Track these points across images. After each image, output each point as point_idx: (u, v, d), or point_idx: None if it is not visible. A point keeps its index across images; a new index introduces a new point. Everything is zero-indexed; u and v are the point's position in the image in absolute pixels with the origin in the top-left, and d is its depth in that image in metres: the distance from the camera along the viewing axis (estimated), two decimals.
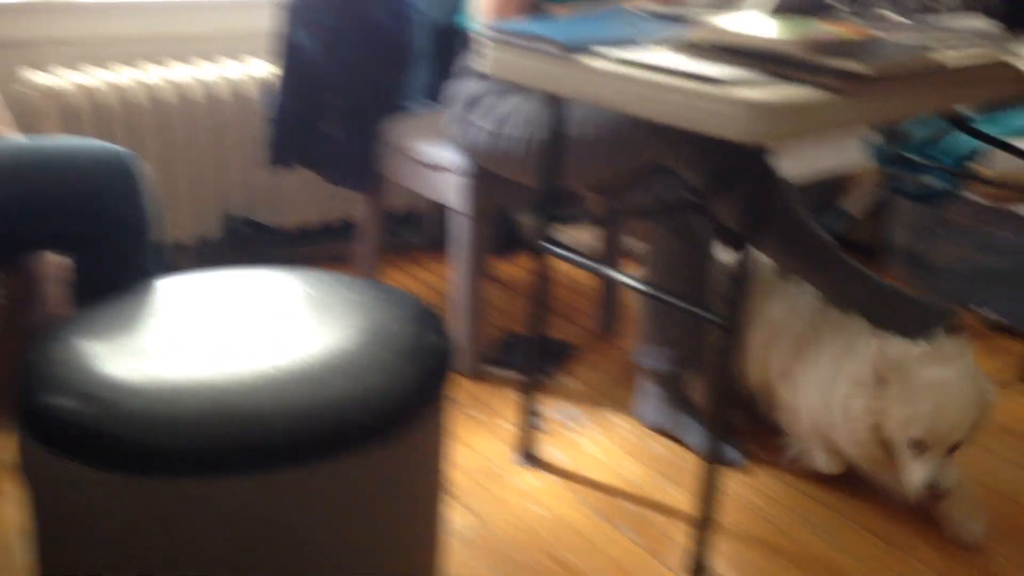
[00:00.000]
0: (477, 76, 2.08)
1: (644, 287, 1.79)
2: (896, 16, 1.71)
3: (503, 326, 2.51)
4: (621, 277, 1.80)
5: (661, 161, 1.89)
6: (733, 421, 2.09)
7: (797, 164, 3.00)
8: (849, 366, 1.76)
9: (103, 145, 1.57)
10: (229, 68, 2.56)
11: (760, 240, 1.87)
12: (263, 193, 2.62)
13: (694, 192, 1.90)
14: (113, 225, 1.50)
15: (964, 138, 2.59)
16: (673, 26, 1.60)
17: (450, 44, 2.43)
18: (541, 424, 2.06)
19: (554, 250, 1.82)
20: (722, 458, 1.93)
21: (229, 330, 1.28)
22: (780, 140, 1.40)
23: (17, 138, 1.71)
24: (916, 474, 1.66)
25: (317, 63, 2.35)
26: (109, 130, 2.37)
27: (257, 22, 2.56)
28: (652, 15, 1.72)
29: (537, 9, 1.93)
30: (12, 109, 2.16)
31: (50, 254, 1.63)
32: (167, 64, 2.54)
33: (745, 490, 1.90)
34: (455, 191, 2.17)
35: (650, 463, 1.97)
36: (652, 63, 1.46)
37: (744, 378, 2.04)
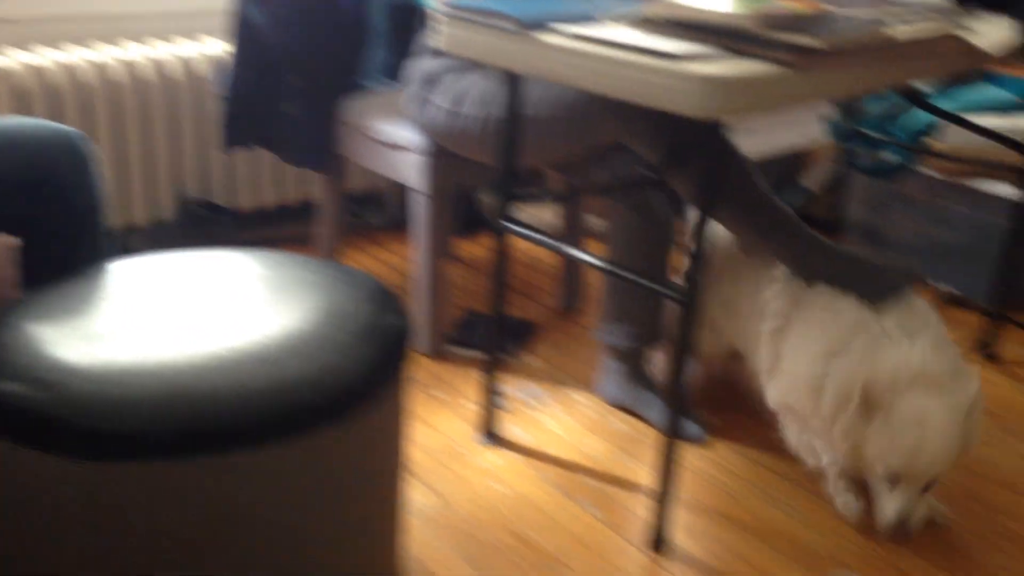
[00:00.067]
0: (434, 54, 2.07)
1: (603, 264, 1.79)
2: None
3: (465, 305, 2.50)
4: (580, 254, 1.80)
5: (618, 138, 1.89)
6: (693, 396, 2.11)
7: (756, 140, 3.01)
8: (837, 368, 1.69)
9: (52, 126, 1.54)
10: (182, 47, 2.51)
11: (718, 214, 1.88)
12: (219, 174, 2.59)
13: (652, 168, 1.91)
14: (62, 207, 1.48)
15: (920, 113, 2.62)
16: (630, 2, 1.60)
17: (408, 21, 2.41)
18: (503, 403, 2.07)
19: (513, 228, 1.82)
20: (682, 433, 1.95)
21: (182, 312, 1.27)
22: (734, 115, 1.41)
23: None
24: (888, 505, 1.62)
25: (272, 41, 2.32)
26: (60, 111, 2.32)
27: (210, 0, 2.52)
28: None
29: None
30: None
31: None
32: (119, 44, 2.49)
33: (706, 464, 1.92)
34: (414, 170, 2.16)
35: (611, 439, 1.98)
36: (607, 39, 1.45)
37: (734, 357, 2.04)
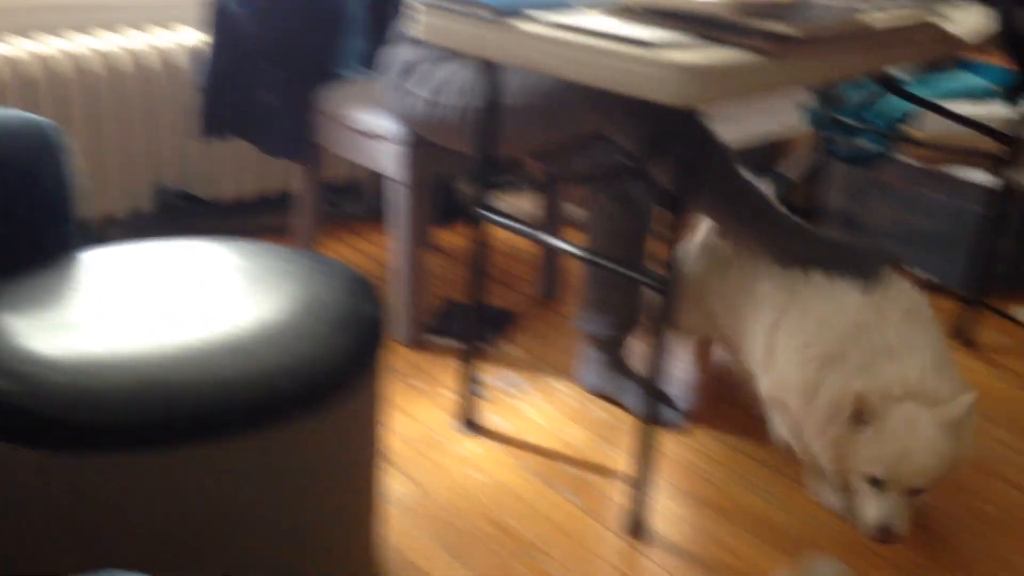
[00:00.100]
0: (412, 43, 2.06)
1: (581, 253, 1.79)
2: None
3: (444, 295, 2.50)
4: (558, 243, 1.80)
5: (597, 127, 1.89)
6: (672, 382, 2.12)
7: (736, 129, 3.02)
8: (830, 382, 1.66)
9: (23, 115, 1.52)
10: (158, 36, 2.49)
11: (698, 202, 1.88)
12: (197, 164, 2.57)
13: (631, 157, 1.91)
14: (34, 197, 1.46)
15: (897, 101, 2.63)
16: None
17: (385, 10, 2.39)
18: (482, 392, 2.07)
19: (492, 217, 1.81)
20: (660, 419, 1.96)
21: (157, 302, 1.26)
22: (711, 102, 1.41)
23: None
24: (871, 511, 1.59)
25: (249, 30, 2.30)
26: (34, 102, 2.29)
27: None
28: None
29: None
30: None
31: None
32: (94, 33, 2.47)
33: (684, 450, 1.93)
34: (392, 160, 2.15)
35: (591, 427, 1.99)
36: (584, 27, 1.45)
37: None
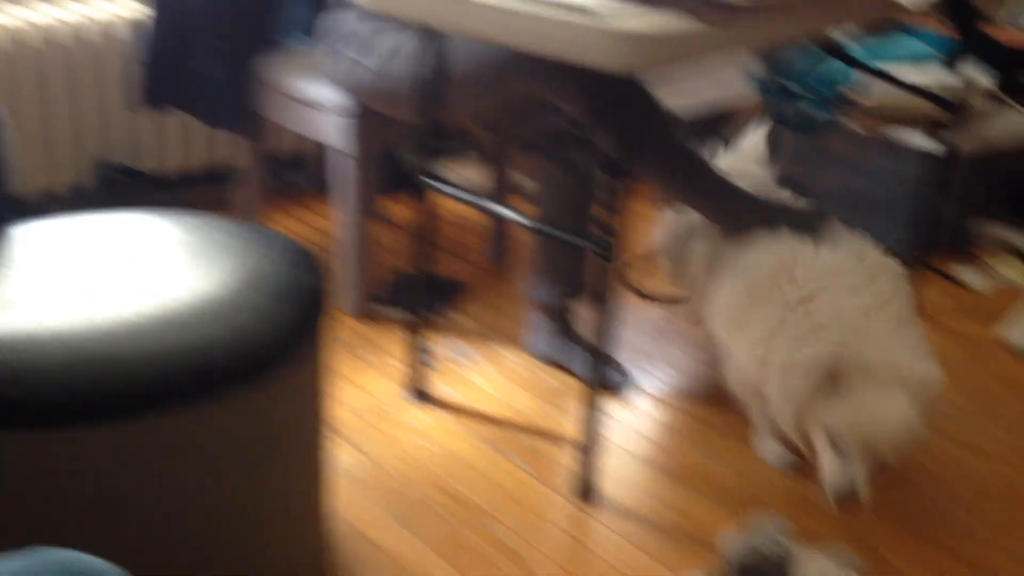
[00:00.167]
0: (355, 11, 2.03)
1: (526, 220, 1.80)
2: None
3: (392, 266, 2.49)
4: (503, 210, 1.80)
5: (542, 94, 1.88)
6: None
7: (683, 97, 3.03)
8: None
9: None
10: (97, 8, 2.43)
11: (641, 169, 1.89)
12: (138, 138, 2.52)
13: (576, 124, 1.91)
14: None
15: (841, 67, 2.66)
16: None
17: None
18: (431, 361, 2.07)
19: (437, 186, 1.81)
20: (607, 384, 1.98)
21: (92, 277, 1.24)
22: (652, 68, 1.41)
23: None
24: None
25: (189, 0, 2.25)
26: None
27: None
28: None
29: None
30: None
31: None
32: (31, 6, 2.40)
33: (631, 414, 1.95)
34: (336, 131, 2.13)
35: (540, 394, 2.00)
36: None
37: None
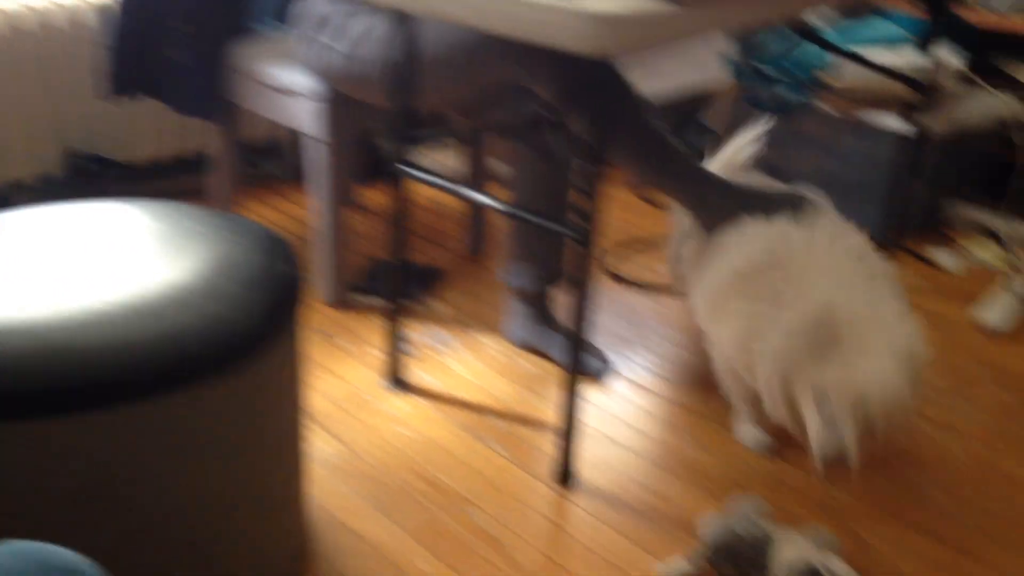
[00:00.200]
0: None
1: (501, 206, 1.79)
2: None
3: (370, 254, 2.48)
4: (479, 196, 1.79)
5: (515, 78, 1.87)
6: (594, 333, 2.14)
7: (660, 81, 3.03)
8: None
9: None
10: None
11: (614, 153, 1.88)
12: (108, 126, 2.49)
13: (550, 109, 1.90)
14: None
15: (815, 50, 2.67)
16: None
17: None
18: (410, 349, 2.06)
19: (412, 173, 1.79)
20: (585, 369, 1.98)
21: (61, 266, 1.22)
22: (625, 51, 1.40)
23: None
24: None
25: None
26: None
27: None
28: None
29: None
30: None
31: None
32: None
33: (609, 399, 1.95)
34: (309, 117, 2.11)
35: (519, 380, 2.00)
36: None
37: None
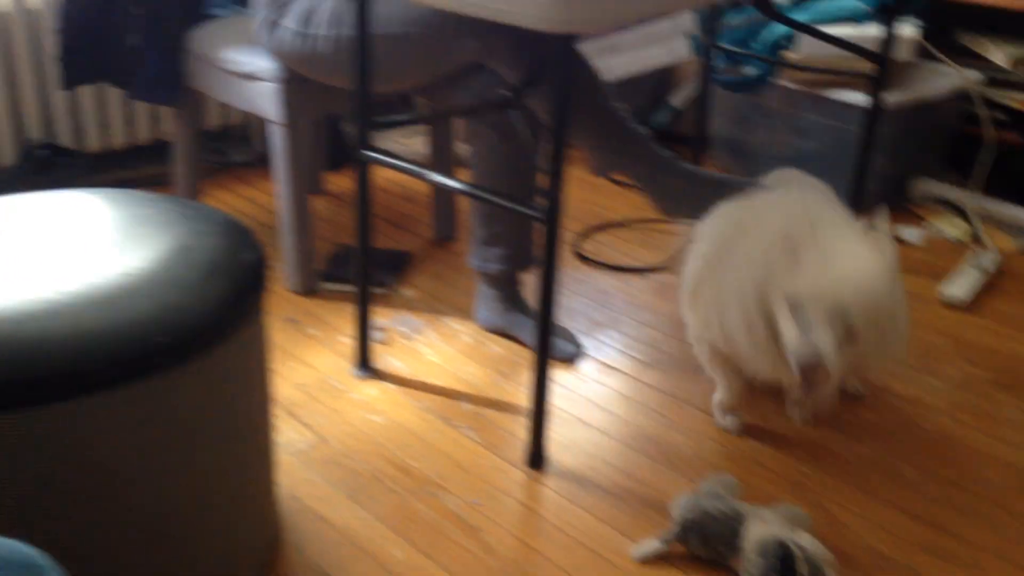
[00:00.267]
0: None
1: (467, 189, 1.77)
2: None
3: (338, 240, 2.45)
4: (441, 179, 1.77)
5: (475, 57, 1.85)
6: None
7: (623, 59, 3.02)
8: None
9: None
10: None
11: (574, 134, 1.87)
12: (64, 115, 2.44)
13: (511, 88, 1.88)
14: None
15: (776, 25, 2.66)
16: None
17: None
18: (379, 335, 2.04)
19: (375, 157, 1.77)
20: (555, 352, 1.97)
21: (18, 257, 1.19)
22: (586, 29, 1.39)
23: None
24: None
25: None
26: None
27: None
28: None
29: None
30: None
31: None
32: None
33: (579, 381, 1.95)
34: (268, 99, 2.08)
35: (489, 364, 1.99)
36: None
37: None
